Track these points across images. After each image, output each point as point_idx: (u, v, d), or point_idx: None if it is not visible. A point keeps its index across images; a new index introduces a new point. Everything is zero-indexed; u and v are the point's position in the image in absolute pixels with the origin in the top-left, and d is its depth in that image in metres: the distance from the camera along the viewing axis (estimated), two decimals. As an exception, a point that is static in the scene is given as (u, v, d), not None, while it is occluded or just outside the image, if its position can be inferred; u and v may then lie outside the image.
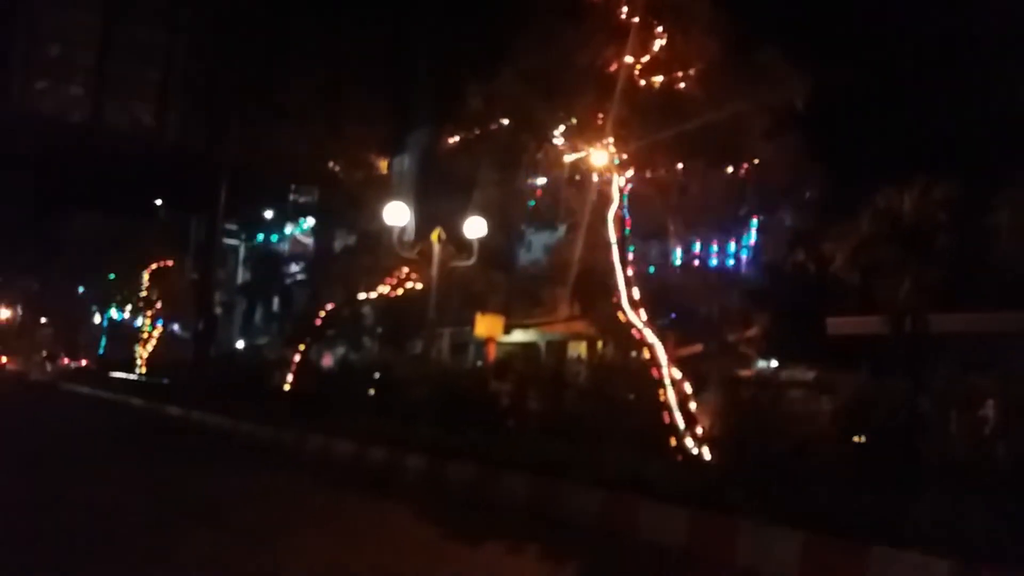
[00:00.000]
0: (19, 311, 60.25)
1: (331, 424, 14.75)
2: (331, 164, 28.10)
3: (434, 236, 17.71)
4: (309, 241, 33.79)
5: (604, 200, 13.01)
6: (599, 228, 13.43)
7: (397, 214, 19.20)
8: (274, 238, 38.39)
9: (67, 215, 54.32)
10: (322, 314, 23.57)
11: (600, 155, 12.72)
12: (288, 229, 37.09)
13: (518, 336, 22.04)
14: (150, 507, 9.30)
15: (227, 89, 28.79)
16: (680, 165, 13.57)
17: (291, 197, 34.58)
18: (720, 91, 13.06)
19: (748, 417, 9.83)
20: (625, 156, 12.72)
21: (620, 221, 12.41)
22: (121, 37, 33.77)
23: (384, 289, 23.69)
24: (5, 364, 44.19)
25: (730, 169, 14.07)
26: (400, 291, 23.39)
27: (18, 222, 48.42)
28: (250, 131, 28.10)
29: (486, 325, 19.02)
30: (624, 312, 11.34)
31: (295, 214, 34.91)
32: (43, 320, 55.31)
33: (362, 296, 25.07)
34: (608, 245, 12.33)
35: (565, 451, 10.17)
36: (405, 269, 23.29)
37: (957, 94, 16.47)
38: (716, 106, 13.01)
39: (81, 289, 47.96)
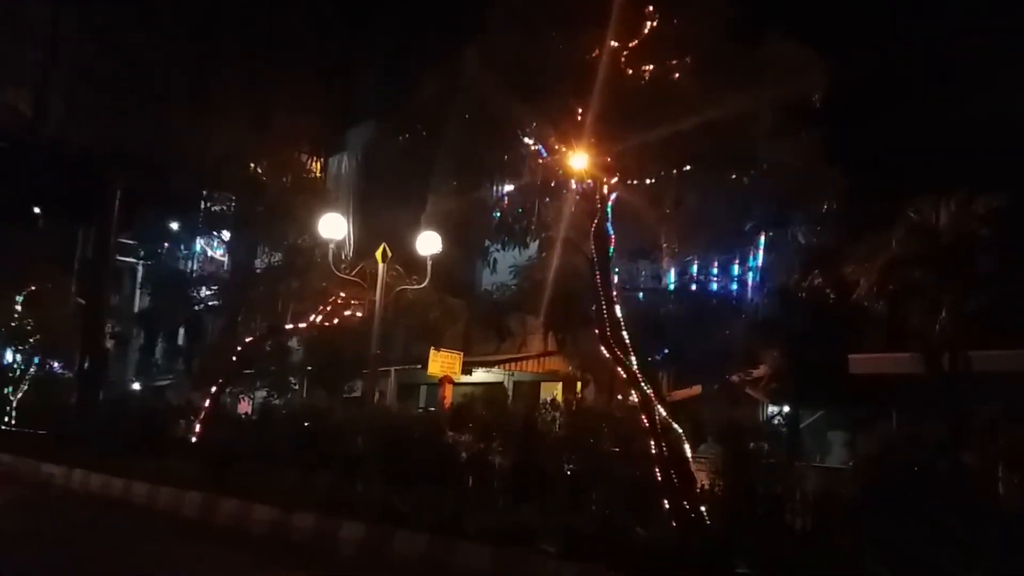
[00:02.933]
0: None
1: (249, 484, 14.62)
2: (252, 165, 27.91)
3: (378, 254, 17.75)
4: (224, 259, 33.44)
5: (584, 212, 13.17)
6: (578, 246, 13.61)
7: (333, 227, 19.23)
8: (181, 255, 37.98)
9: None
10: (239, 349, 23.41)
11: (579, 158, 12.86)
12: (198, 245, 36.74)
13: (480, 376, 22.07)
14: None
15: (124, 73, 28.57)
16: (675, 171, 13.80)
17: (202, 205, 34.23)
18: (722, 83, 13.33)
19: (753, 472, 10.00)
20: (609, 160, 12.87)
21: (603, 237, 12.56)
22: (-7, 7, 33.37)
23: (316, 318, 23.62)
24: None
25: (734, 176, 14.35)
26: (336, 321, 23.33)
27: None
28: (152, 123, 27.83)
29: (441, 362, 19.06)
30: (608, 347, 11.47)
31: (207, 226, 34.55)
32: None
33: (289, 327, 24.96)
34: (589, 266, 12.47)
35: (536, 515, 10.23)
36: (342, 294, 23.26)
37: (1004, 87, 16.88)
38: (717, 101, 13.27)
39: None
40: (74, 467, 19.90)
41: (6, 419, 32.72)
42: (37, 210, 47.47)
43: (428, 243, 18.16)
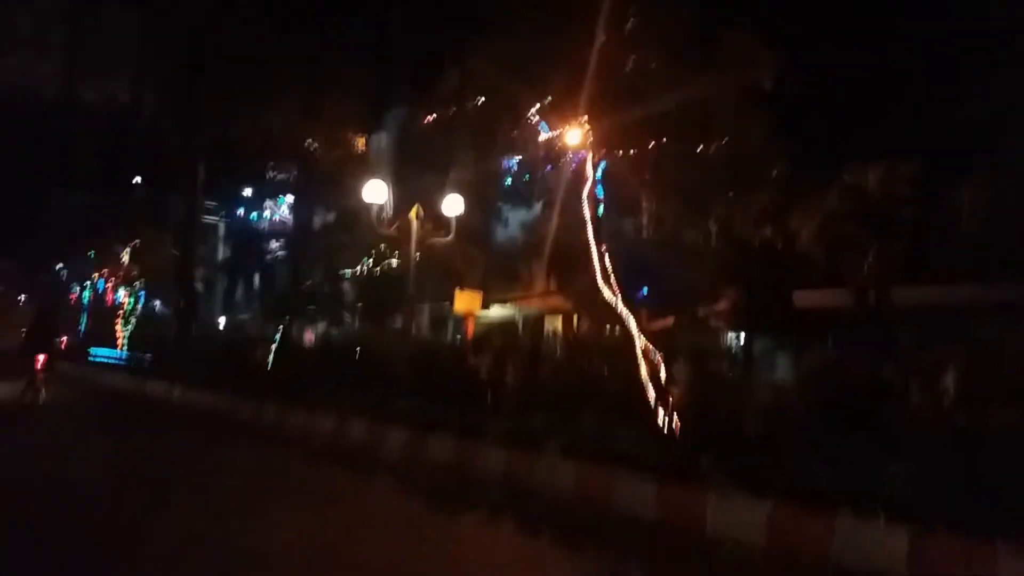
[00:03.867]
0: (-2, 289, 59.28)
1: (312, 399, 14.68)
2: (309, 142, 27.63)
3: (412, 213, 17.55)
4: (288, 218, 33.36)
5: (579, 178, 12.96)
6: (574, 205, 13.41)
7: (375, 192, 18.98)
8: (254, 216, 37.93)
9: (44, 194, 53.33)
10: (303, 290, 23.45)
11: (574, 134, 12.61)
12: (267, 207, 36.65)
13: (496, 311, 22.03)
14: (128, 482, 9.24)
15: (204, 67, 28.14)
16: (652, 143, 13.57)
17: (269, 175, 34.05)
18: (690, 71, 13.04)
19: (715, 389, 9.94)
20: (599, 135, 12.63)
21: (594, 199, 12.36)
22: (94, 11, 32.71)
23: (363, 266, 23.58)
24: None
25: (700, 147, 14.11)
26: (379, 268, 23.29)
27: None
28: (228, 108, 27.52)
29: (464, 301, 18.98)
30: (601, 287, 11.34)
31: (274, 191, 34.44)
32: (21, 299, 54.38)
33: (342, 273, 24.94)
34: (583, 222, 12.30)
35: (541, 424, 10.23)
36: (384, 246, 23.17)
37: (922, 73, 16.51)
38: (686, 85, 12.99)
39: (59, 267, 47.16)
40: (173, 386, 20.09)
41: (118, 348, 33.01)
42: (137, 180, 47.36)
43: (453, 204, 17.92)
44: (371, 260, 24.47)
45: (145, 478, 9.54)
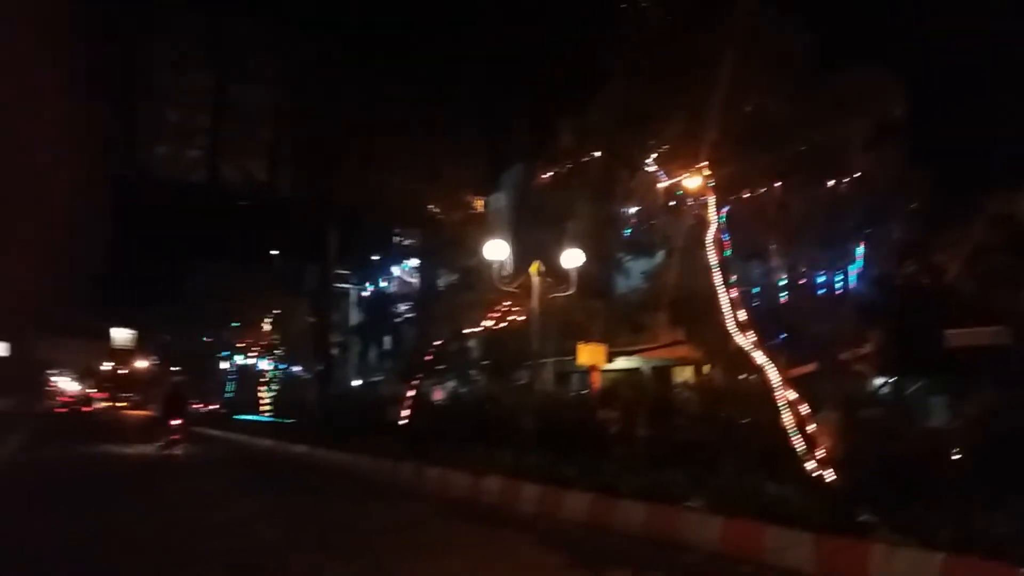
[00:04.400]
0: (154, 361, 64.24)
1: (446, 456, 14.90)
2: (430, 207, 28.72)
3: (533, 269, 17.79)
4: (414, 280, 34.60)
5: (700, 223, 12.78)
6: (697, 252, 13.20)
7: (496, 250, 19.43)
8: (381, 281, 39.58)
9: (192, 269, 57.79)
10: (431, 349, 24.03)
11: (694, 179, 12.52)
12: (394, 271, 38.19)
13: (621, 363, 21.76)
14: (289, 537, 9.63)
15: (331, 144, 30.04)
16: (778, 183, 13.23)
17: (395, 240, 35.63)
18: (814, 107, 12.71)
19: (868, 437, 9.36)
20: (720, 178, 12.47)
21: (719, 243, 12.13)
22: (233, 100, 35.84)
23: (487, 323, 23.95)
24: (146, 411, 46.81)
25: (831, 183, 13.60)
26: (503, 324, 23.59)
27: (152, 280, 52.01)
28: (354, 182, 29.17)
29: (588, 353, 18.86)
30: (731, 335, 11.03)
31: (400, 256, 35.94)
32: (173, 369, 58.61)
33: (467, 331, 25.43)
34: (708, 268, 12.07)
35: (680, 477, 9.93)
36: (506, 302, 23.50)
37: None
38: (812, 123, 12.64)
39: (206, 338, 50.63)
40: (316, 447, 20.91)
41: (261, 412, 34.83)
42: (275, 253, 50.55)
43: (572, 257, 18.08)
44: (494, 318, 24.88)
45: (303, 532, 9.91)
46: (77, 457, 21.44)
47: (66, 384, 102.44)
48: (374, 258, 39.43)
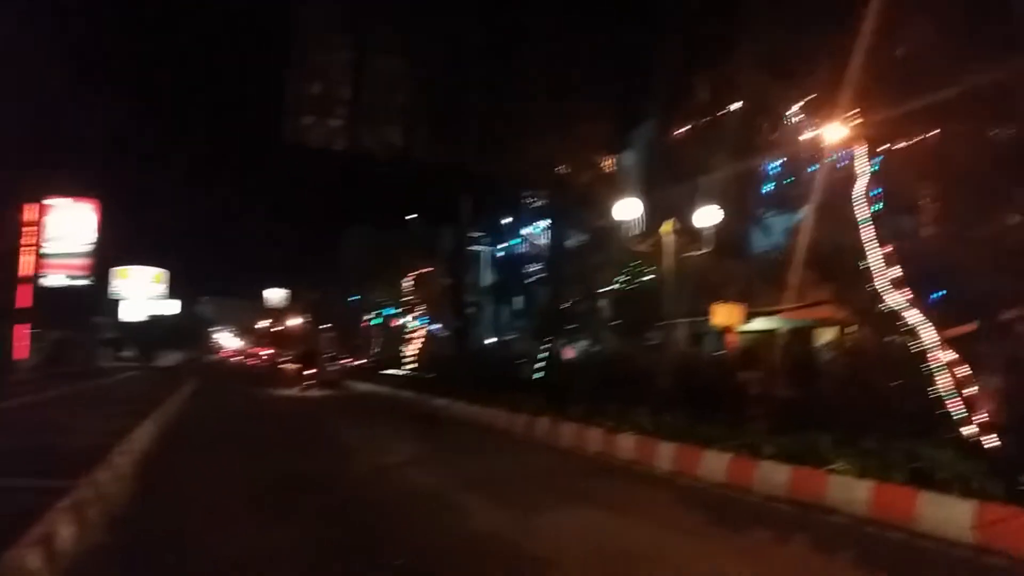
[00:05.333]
0: (307, 319, 68.54)
1: (581, 413, 15.01)
2: (561, 167, 28.63)
3: (665, 228, 17.44)
4: (545, 241, 34.85)
5: (849, 176, 12.04)
6: (844, 207, 12.45)
7: (628, 209, 19.18)
8: (513, 242, 40.14)
9: (340, 234, 60.85)
10: (563, 309, 24.23)
11: (841, 130, 11.77)
12: (526, 232, 38.62)
13: (758, 324, 21.04)
14: (441, 482, 10.13)
15: (464, 109, 30.48)
16: (935, 131, 12.19)
17: (526, 202, 35.94)
18: (974, 48, 11.55)
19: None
20: (870, 128, 11.65)
21: (869, 197, 11.39)
22: (371, 70, 37.11)
23: (618, 283, 23.80)
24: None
25: (994, 132, 12.38)
26: (634, 284, 23.35)
27: (301, 245, 55.58)
28: (486, 145, 29.52)
29: (724, 314, 18.34)
30: (881, 293, 10.39)
31: (532, 218, 36.26)
32: (323, 326, 62.18)
33: (598, 290, 25.37)
34: (856, 224, 11.37)
35: (824, 440, 9.55)
36: (638, 262, 23.22)
37: None
38: (969, 66, 11.51)
39: (352, 298, 53.32)
40: (454, 400, 21.65)
41: (404, 368, 36.43)
42: (411, 216, 52.22)
43: (708, 215, 17.57)
44: (625, 277, 24.66)
45: (451, 478, 10.38)
46: (242, 397, 24.04)
47: (227, 340, 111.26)
48: (506, 220, 39.96)
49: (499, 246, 42.69)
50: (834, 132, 11.96)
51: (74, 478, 7.97)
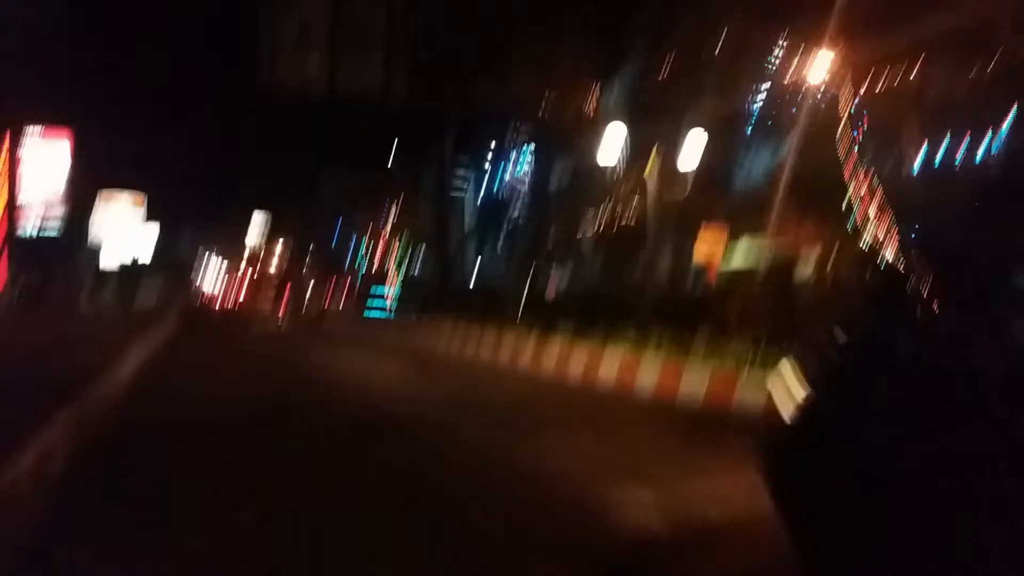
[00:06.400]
0: (289, 252, 69.30)
1: (564, 339, 14.95)
2: (545, 104, 28.36)
3: (648, 167, 17.37)
4: (529, 180, 34.78)
5: (831, 110, 12.09)
6: (827, 140, 12.53)
7: (612, 136, 18.85)
8: (497, 180, 39.91)
9: (317, 172, 60.29)
10: (545, 247, 24.34)
11: (823, 64, 11.73)
12: (509, 170, 38.38)
13: (739, 259, 21.26)
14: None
15: (446, 49, 29.93)
16: (917, 67, 12.20)
17: (510, 140, 35.61)
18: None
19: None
20: (852, 64, 11.66)
21: (851, 131, 11.47)
22: (347, 13, 36.14)
23: (601, 221, 23.84)
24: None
25: (976, 67, 12.36)
26: (617, 222, 23.40)
27: (285, 181, 55.89)
28: (468, 82, 29.08)
29: (708, 241, 18.27)
30: (860, 229, 10.54)
31: (515, 155, 36.01)
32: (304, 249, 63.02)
33: (580, 228, 25.44)
34: (837, 159, 11.46)
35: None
36: (621, 200, 23.20)
37: None
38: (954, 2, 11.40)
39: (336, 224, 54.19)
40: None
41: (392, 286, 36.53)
42: (393, 156, 51.54)
43: (690, 152, 17.44)
44: (608, 214, 24.71)
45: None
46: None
47: (210, 269, 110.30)
48: (489, 158, 39.63)
49: (482, 185, 42.43)
50: (817, 67, 11.94)
51: None
